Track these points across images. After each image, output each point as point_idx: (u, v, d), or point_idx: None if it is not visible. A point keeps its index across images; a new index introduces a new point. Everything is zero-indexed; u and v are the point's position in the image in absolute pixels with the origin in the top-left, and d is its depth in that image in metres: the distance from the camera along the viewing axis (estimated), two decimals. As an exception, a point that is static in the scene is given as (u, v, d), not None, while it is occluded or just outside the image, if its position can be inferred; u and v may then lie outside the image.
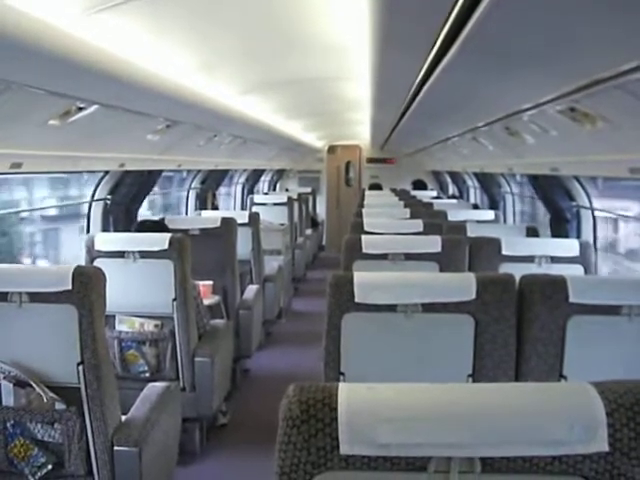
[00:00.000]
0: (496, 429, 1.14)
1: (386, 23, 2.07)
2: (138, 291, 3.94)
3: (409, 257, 3.56)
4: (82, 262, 3.98)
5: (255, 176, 11.24)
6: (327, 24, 3.16)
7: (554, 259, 3.89)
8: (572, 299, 2.47)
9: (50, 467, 2.67)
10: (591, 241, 4.69)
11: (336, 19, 3.05)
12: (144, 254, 3.94)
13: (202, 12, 2.79)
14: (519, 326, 2.49)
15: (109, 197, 5.05)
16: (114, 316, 3.90)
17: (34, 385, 2.64)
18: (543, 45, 1.95)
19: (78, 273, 2.63)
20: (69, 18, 2.18)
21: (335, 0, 2.85)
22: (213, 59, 3.58)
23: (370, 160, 13.62)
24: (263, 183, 12.58)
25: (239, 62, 3.86)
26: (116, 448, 2.73)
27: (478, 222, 5.56)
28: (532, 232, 4.82)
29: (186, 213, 7.94)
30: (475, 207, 8.20)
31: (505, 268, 3.75)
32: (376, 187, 12.18)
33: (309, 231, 11.07)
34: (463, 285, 2.47)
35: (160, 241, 3.94)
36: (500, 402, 1.18)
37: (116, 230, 5.05)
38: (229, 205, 10.58)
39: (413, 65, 2.68)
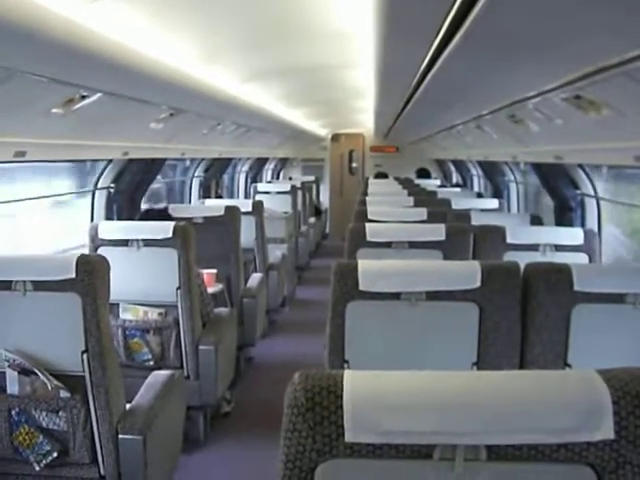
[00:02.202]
0: (501, 417, 1.14)
1: (390, 10, 2.05)
2: (142, 279, 3.94)
3: (413, 245, 3.56)
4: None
5: (259, 165, 11.23)
6: (330, 11, 3.15)
7: (558, 247, 3.89)
8: (577, 287, 2.47)
9: (55, 455, 2.68)
10: (596, 229, 4.69)
11: (340, 6, 3.04)
12: (148, 242, 3.94)
13: (205, 0, 2.78)
14: (524, 314, 2.49)
15: (113, 185, 5.04)
16: (118, 304, 3.90)
17: (39, 373, 2.65)
18: (548, 32, 1.93)
19: (82, 261, 2.62)
20: (72, 5, 2.17)
21: (339, -13, 2.84)
22: (216, 47, 3.57)
23: (374, 148, 13.60)
24: (266, 172, 12.57)
25: (242, 50, 3.84)
26: (121, 436, 2.73)
27: (482, 211, 5.56)
28: (536, 220, 4.81)
29: (189, 201, 7.93)
30: (479, 196, 8.18)
31: (509, 256, 3.75)
32: (382, 176, 12.16)
33: (312, 219, 11.07)
34: (468, 273, 2.47)
35: (164, 229, 3.94)
36: (505, 390, 1.18)
37: (120, 218, 5.05)
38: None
39: (417, 52, 2.66)
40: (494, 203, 6.30)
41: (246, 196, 10.47)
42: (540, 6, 1.68)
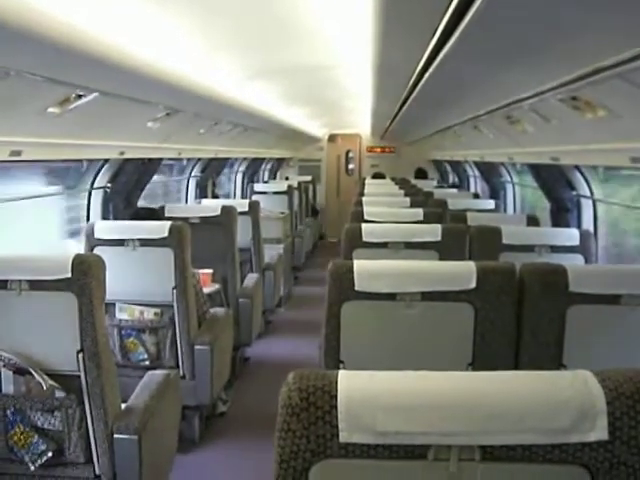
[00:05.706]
0: (496, 417, 1.14)
1: (388, 10, 2.05)
2: (138, 279, 3.94)
3: (409, 246, 3.56)
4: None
5: (255, 165, 11.21)
6: (328, 11, 3.14)
7: (554, 248, 3.89)
8: (572, 288, 2.47)
9: (50, 454, 2.68)
10: (592, 230, 4.69)
11: (337, 5, 3.04)
12: (144, 242, 3.93)
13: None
14: (519, 315, 2.49)
15: (109, 185, 5.04)
16: (114, 304, 3.90)
17: (34, 373, 2.64)
18: (544, 33, 1.94)
19: (78, 261, 2.62)
20: (68, 4, 2.17)
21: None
22: (213, 47, 3.56)
23: (370, 149, 13.59)
24: (263, 172, 12.56)
25: (239, 50, 3.84)
26: (116, 436, 2.73)
27: (478, 211, 5.56)
28: (532, 221, 4.82)
29: (186, 201, 7.93)
30: (476, 196, 8.18)
31: (505, 257, 3.75)
32: (380, 176, 12.15)
33: (309, 220, 11.06)
34: (463, 274, 2.47)
35: (160, 229, 3.94)
36: (500, 390, 1.18)
37: (116, 218, 5.05)
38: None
39: (414, 53, 2.67)
40: (490, 204, 6.30)
41: (243, 196, 10.46)
42: (537, 7, 1.69)
